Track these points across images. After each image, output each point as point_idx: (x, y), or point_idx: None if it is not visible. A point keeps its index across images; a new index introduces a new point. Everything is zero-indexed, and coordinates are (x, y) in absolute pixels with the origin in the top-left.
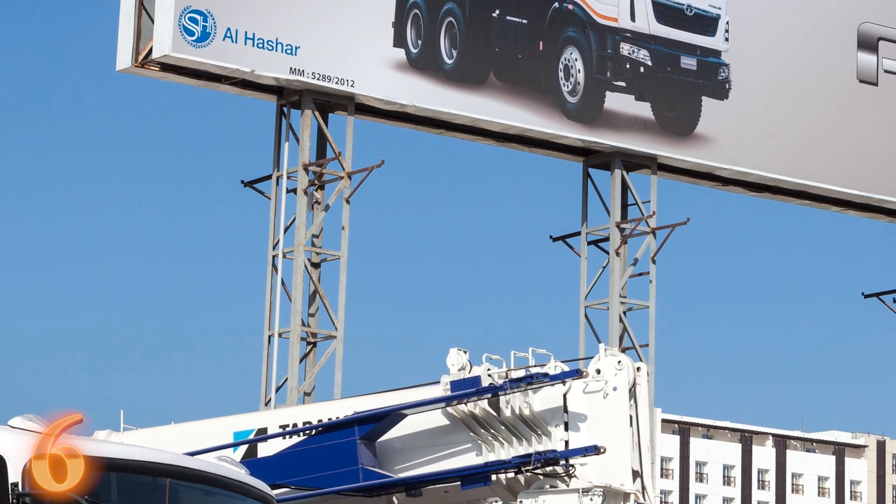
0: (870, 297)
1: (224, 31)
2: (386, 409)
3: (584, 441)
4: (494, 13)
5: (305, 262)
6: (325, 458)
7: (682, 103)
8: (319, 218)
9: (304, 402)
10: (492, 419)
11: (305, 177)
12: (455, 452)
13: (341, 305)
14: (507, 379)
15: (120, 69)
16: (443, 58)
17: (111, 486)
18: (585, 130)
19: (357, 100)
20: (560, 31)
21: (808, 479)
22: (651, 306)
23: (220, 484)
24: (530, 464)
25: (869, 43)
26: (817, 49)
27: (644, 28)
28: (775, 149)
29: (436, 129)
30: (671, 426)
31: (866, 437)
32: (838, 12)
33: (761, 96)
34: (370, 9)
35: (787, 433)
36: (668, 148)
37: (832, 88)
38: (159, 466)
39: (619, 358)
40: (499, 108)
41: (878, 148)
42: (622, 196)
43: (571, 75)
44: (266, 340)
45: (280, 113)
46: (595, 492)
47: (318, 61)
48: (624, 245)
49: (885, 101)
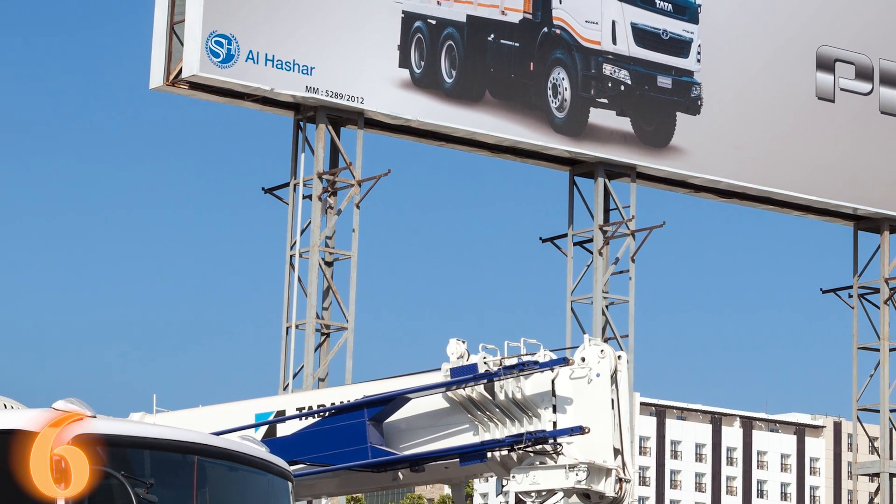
0: (827, 292)
1: (246, 53)
2: (392, 394)
3: (571, 422)
4: (489, 37)
5: (320, 262)
6: (338, 438)
7: (659, 118)
8: (332, 221)
9: (318, 387)
10: (487, 402)
11: (320, 184)
12: (454, 432)
13: (352, 300)
14: (501, 366)
15: (153, 87)
16: (443, 77)
17: (145, 463)
18: (571, 143)
19: (366, 115)
20: (548, 54)
21: (772, 456)
22: (630, 301)
23: (243, 461)
24: (522, 442)
25: (827, 64)
26: (780, 69)
27: (624, 50)
28: (742, 159)
29: (437, 141)
30: (649, 409)
31: (824, 419)
32: (799, 36)
33: (730, 112)
34: (378, 33)
35: (753, 415)
36: (646, 158)
37: (793, 105)
38: (188, 445)
39: (602, 347)
40: (493, 123)
41: (835, 158)
42: (604, 202)
43: (559, 93)
44: (284, 332)
45: (297, 127)
46: (580, 467)
47: (331, 80)
48: (606, 246)
49: (842, 117)
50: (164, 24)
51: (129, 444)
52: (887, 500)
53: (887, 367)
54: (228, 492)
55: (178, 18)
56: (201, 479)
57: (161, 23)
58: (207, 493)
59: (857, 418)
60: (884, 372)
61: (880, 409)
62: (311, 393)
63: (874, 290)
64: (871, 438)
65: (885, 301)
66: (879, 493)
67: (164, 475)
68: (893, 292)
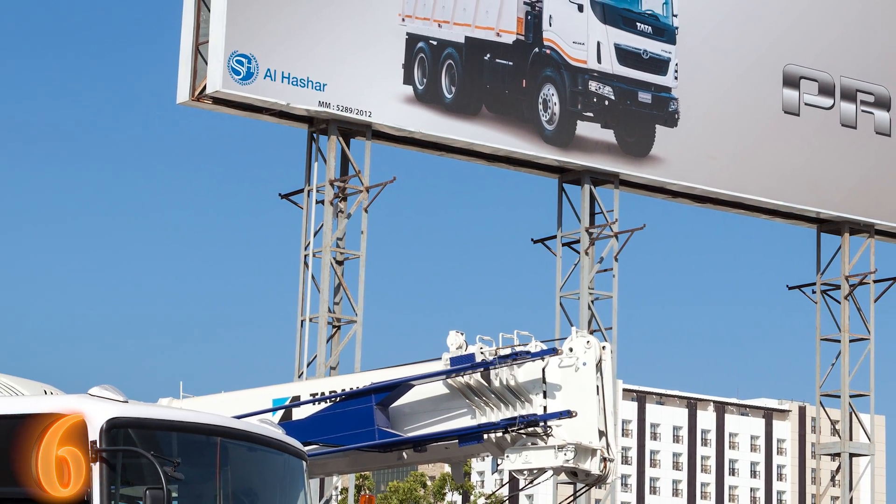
0: (793, 289)
1: (265, 71)
2: (397, 381)
3: (560, 406)
4: (486, 57)
5: (331, 261)
6: (348, 421)
7: (640, 130)
8: (343, 224)
9: (330, 375)
10: (483, 389)
11: (331, 190)
12: (453, 416)
13: (361, 296)
14: (496, 356)
15: (179, 102)
16: (443, 93)
17: (172, 444)
18: (560, 152)
19: (373, 127)
20: (539, 72)
21: (743, 437)
22: (614, 296)
23: (261, 442)
24: (515, 425)
25: (792, 81)
26: (750, 86)
27: (608, 69)
28: (715, 167)
29: (438, 151)
30: (630, 394)
31: (790, 404)
32: (767, 55)
33: (704, 124)
34: (384, 53)
35: (725, 400)
36: (628, 167)
37: (762, 118)
38: (211, 427)
39: (588, 338)
40: (489, 135)
41: (799, 167)
42: (590, 206)
43: (549, 107)
44: (299, 324)
45: (310, 138)
46: (568, 448)
47: (342, 96)
48: (592, 246)
49: (806, 129)
50: (190, 44)
51: (158, 426)
52: (847, 477)
53: (847, 357)
54: (248, 470)
55: (202, 39)
56: (223, 458)
57: (187, 44)
58: (229, 472)
59: (820, 403)
60: (844, 361)
61: (841, 395)
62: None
63: (835, 286)
64: (832, 421)
65: (845, 297)
66: (840, 471)
67: (190, 455)
68: (853, 289)
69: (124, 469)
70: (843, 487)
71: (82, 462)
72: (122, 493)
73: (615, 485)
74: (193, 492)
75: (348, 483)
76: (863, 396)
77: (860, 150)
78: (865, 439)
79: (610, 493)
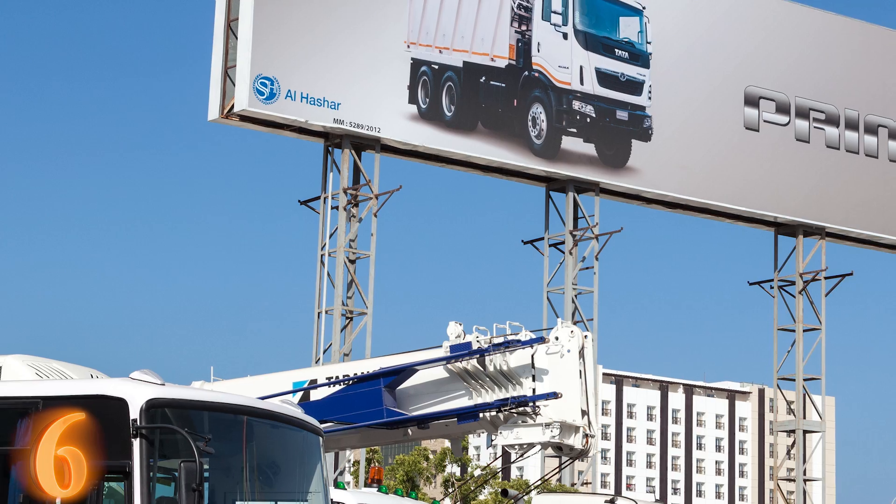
0: (753, 284)
1: (286, 92)
2: (402, 366)
3: (547, 389)
4: (481, 79)
5: (345, 260)
6: (359, 401)
7: (617, 144)
8: (355, 227)
9: (343, 361)
10: (479, 373)
11: (344, 197)
12: (453, 397)
13: (371, 291)
14: (490, 343)
15: (210, 120)
16: (444, 111)
17: (204, 422)
18: (547, 164)
19: (382, 141)
20: (529, 92)
21: (709, 416)
22: (595, 291)
23: (282, 420)
24: (507, 405)
25: (752, 100)
26: (715, 105)
27: (590, 90)
28: (685, 177)
29: (439, 163)
30: (609, 378)
31: (751, 386)
32: (730, 78)
33: (675, 139)
34: (392, 76)
35: (693, 383)
36: (608, 176)
37: (726, 133)
38: (238, 407)
39: (572, 328)
40: (484, 148)
41: (758, 177)
42: (574, 211)
43: (537, 124)
44: (316, 316)
45: (326, 151)
46: (554, 425)
47: (354, 114)
48: (575, 247)
49: (764, 143)
50: (220, 68)
51: (191, 406)
52: (801, 451)
53: (801, 345)
54: (271, 445)
55: (230, 64)
56: (249, 434)
57: (217, 68)
58: (254, 447)
59: (778, 386)
60: (798, 349)
61: (795, 379)
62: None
63: (791, 282)
64: (788, 402)
65: (799, 291)
66: (795, 446)
67: (219, 432)
68: (806, 284)
69: (161, 444)
70: (797, 460)
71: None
72: (159, 466)
73: (596, 458)
74: (222, 464)
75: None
76: (815, 380)
77: (812, 161)
78: (817, 418)
79: (591, 466)
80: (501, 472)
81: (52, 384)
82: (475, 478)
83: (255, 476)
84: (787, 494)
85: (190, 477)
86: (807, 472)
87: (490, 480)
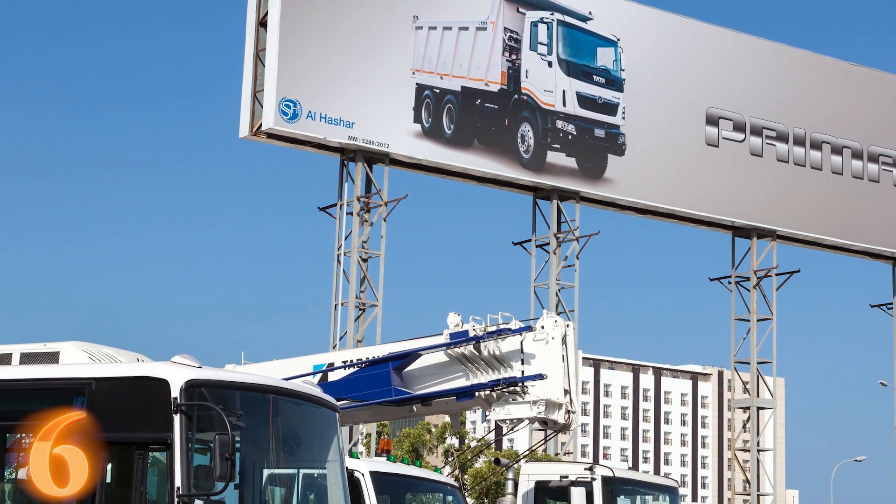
0: (713, 280)
1: (307, 112)
2: (408, 351)
3: (534, 371)
4: (477, 101)
5: (358, 259)
6: (371, 382)
7: (595, 158)
8: (367, 230)
9: (357, 346)
10: (475, 357)
11: (358, 204)
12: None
13: (381, 286)
14: (485, 332)
15: (241, 137)
16: (444, 129)
17: (236, 400)
18: (534, 175)
19: (391, 156)
20: (518, 113)
21: (675, 395)
22: (576, 286)
23: (304, 398)
24: (500, 385)
25: (713, 120)
26: (680, 124)
27: (571, 111)
28: (654, 187)
29: (440, 174)
30: (588, 361)
31: (712, 369)
32: (693, 100)
33: (645, 154)
34: (399, 99)
35: (661, 366)
36: (587, 186)
37: (690, 149)
38: (266, 387)
39: (556, 318)
40: (479, 161)
41: (718, 187)
42: (557, 217)
43: (525, 141)
44: (333, 308)
45: (342, 164)
46: (540, 402)
47: (366, 131)
48: (559, 248)
49: (723, 158)
50: (250, 91)
51: (224, 386)
52: (756, 425)
53: (755, 332)
54: (294, 420)
55: (259, 88)
56: (275, 411)
57: (247, 91)
58: (279, 422)
59: (735, 368)
60: (753, 336)
61: (750, 362)
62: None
63: (746, 278)
64: (744, 382)
65: (753, 286)
66: (750, 420)
67: (249, 408)
68: (760, 280)
69: (198, 419)
70: (752, 433)
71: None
72: (196, 438)
73: (576, 431)
74: (252, 437)
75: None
76: (767, 363)
77: (765, 173)
78: (769, 396)
79: (573, 438)
80: (494, 443)
81: (103, 367)
82: (472, 448)
83: (280, 447)
84: (743, 463)
85: (223, 448)
86: (760, 443)
87: (484, 451)
